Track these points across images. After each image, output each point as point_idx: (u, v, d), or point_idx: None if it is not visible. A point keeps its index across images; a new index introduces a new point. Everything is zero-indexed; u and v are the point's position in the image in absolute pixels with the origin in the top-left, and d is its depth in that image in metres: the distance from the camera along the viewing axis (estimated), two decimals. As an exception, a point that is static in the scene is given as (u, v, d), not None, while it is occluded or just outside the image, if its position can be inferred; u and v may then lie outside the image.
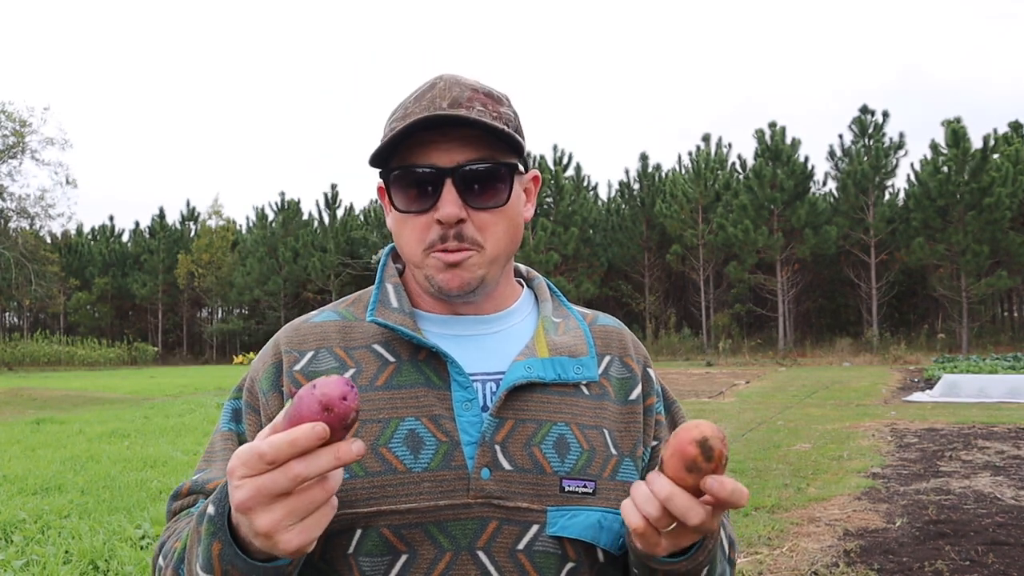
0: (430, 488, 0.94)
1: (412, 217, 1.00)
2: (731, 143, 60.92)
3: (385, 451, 0.95)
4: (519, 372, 1.00)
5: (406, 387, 0.99)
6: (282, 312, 42.76)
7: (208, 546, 0.81)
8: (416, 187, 0.99)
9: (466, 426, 0.97)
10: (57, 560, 4.80)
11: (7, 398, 17.07)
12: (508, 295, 1.11)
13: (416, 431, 0.96)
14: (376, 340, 1.04)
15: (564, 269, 35.78)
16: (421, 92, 1.02)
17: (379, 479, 0.94)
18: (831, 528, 5.57)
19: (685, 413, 1.16)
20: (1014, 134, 34.13)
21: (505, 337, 1.06)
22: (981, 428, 10.36)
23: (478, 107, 0.99)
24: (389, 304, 1.05)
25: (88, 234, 51.12)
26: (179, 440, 9.98)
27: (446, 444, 0.96)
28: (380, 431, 0.96)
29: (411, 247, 1.01)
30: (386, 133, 1.02)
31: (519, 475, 0.96)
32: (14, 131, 37.74)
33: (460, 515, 0.94)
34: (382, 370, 1.01)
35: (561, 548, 0.96)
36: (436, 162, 0.98)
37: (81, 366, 38.22)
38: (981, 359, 23.99)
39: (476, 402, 0.99)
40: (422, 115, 0.96)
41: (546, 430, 0.99)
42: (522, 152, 1.03)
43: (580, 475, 0.98)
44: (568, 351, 1.05)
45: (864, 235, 32.61)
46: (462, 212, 0.98)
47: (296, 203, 45.37)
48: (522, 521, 0.95)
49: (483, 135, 0.99)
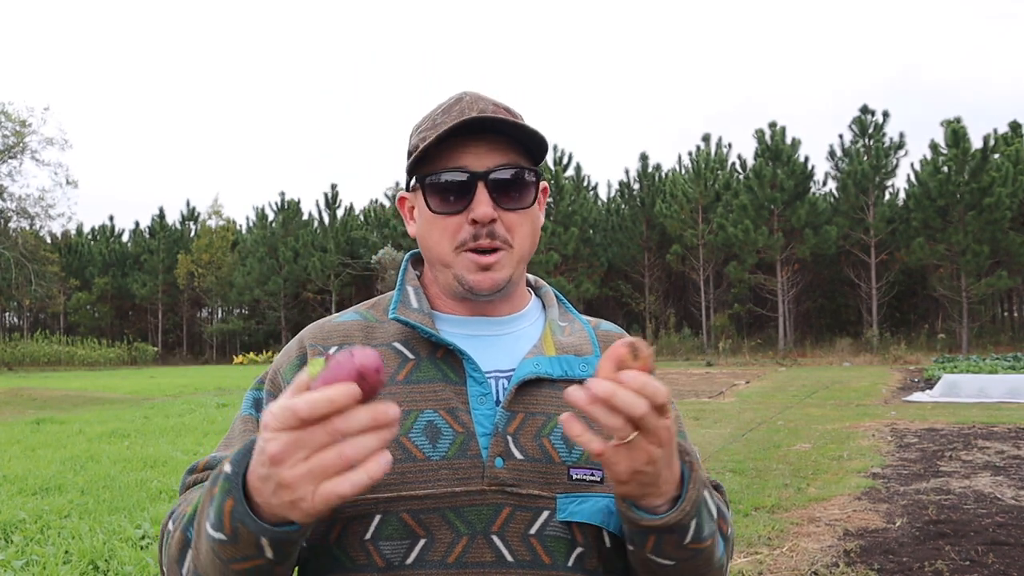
0: (447, 475, 0.99)
1: (445, 218, 1.06)
2: (731, 143, 60.88)
3: (405, 440, 1.00)
4: (528, 368, 1.06)
5: (425, 382, 1.05)
6: (282, 312, 42.77)
7: (221, 503, 0.81)
8: (451, 190, 1.06)
9: (481, 419, 1.03)
10: (57, 560, 4.80)
11: (7, 398, 17.07)
12: (521, 299, 1.18)
13: (435, 422, 1.02)
14: (397, 339, 1.09)
15: (564, 269, 35.78)
16: (448, 105, 1.09)
17: (399, 466, 0.98)
18: (831, 528, 5.57)
19: (682, 418, 1.19)
20: (1014, 134, 34.14)
21: (516, 338, 1.13)
22: (981, 428, 10.36)
23: (503, 117, 1.05)
24: (410, 305, 1.11)
25: (88, 234, 51.14)
26: (179, 440, 9.98)
27: (462, 435, 1.01)
28: (401, 422, 0.98)
29: (442, 246, 1.08)
30: (415, 143, 1.09)
31: (530, 464, 1.01)
32: (14, 131, 37.76)
33: (475, 501, 0.99)
34: (403, 366, 1.06)
35: (570, 533, 1.01)
36: (469, 166, 1.05)
37: (81, 366, 38.23)
38: (981, 359, 23.99)
39: (490, 396, 1.05)
40: (459, 119, 1.03)
41: (554, 423, 1.04)
42: (540, 161, 1.11)
43: (587, 464, 1.03)
44: (574, 350, 1.12)
45: (864, 235, 32.62)
46: (494, 212, 1.05)
47: (296, 203, 45.39)
48: (533, 507, 1.00)
49: (508, 142, 1.07)
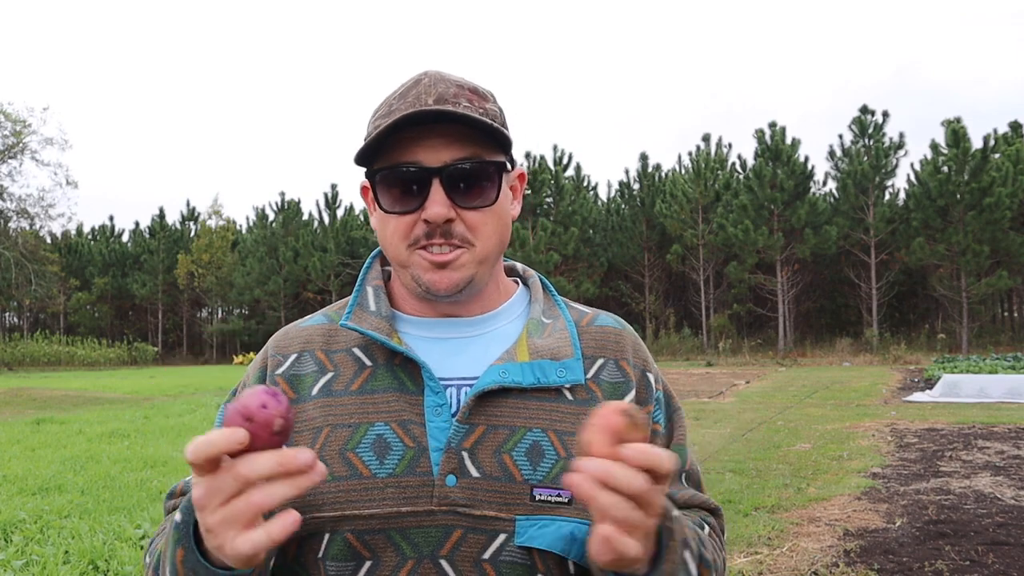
0: (394, 494, 0.92)
1: (397, 217, 0.97)
2: (731, 143, 60.91)
3: (352, 456, 0.94)
4: (492, 376, 0.96)
5: (379, 392, 0.98)
6: (282, 312, 42.75)
7: (173, 552, 0.82)
8: (402, 186, 0.96)
9: (435, 432, 0.95)
10: (57, 560, 4.80)
11: (7, 398, 17.05)
12: (495, 297, 1.07)
13: (384, 436, 0.94)
14: (356, 343, 1.03)
15: (564, 269, 35.77)
16: (406, 88, 0.99)
17: (344, 483, 0.93)
18: (831, 528, 5.57)
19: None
20: (1014, 134, 34.11)
21: (488, 340, 1.03)
22: (981, 428, 10.36)
23: (464, 103, 0.96)
24: (367, 307, 1.04)
25: (88, 234, 51.15)
26: (179, 440, 9.97)
27: (413, 450, 0.94)
28: (349, 436, 0.95)
29: (395, 245, 0.99)
30: (370, 131, 0.99)
31: (487, 482, 0.93)
32: (14, 131, 37.77)
33: (423, 522, 0.91)
34: (358, 374, 1.00)
35: (530, 559, 0.92)
36: (422, 160, 0.95)
37: (81, 366, 38.23)
38: (981, 359, 23.96)
39: (447, 407, 0.96)
40: (408, 111, 0.93)
41: (519, 436, 0.95)
42: (508, 149, 1.01)
43: (553, 483, 0.93)
44: (550, 354, 1.01)
45: (864, 235, 32.60)
46: (450, 212, 0.95)
47: (296, 203, 45.37)
48: (488, 530, 0.91)
49: (469, 132, 0.96)
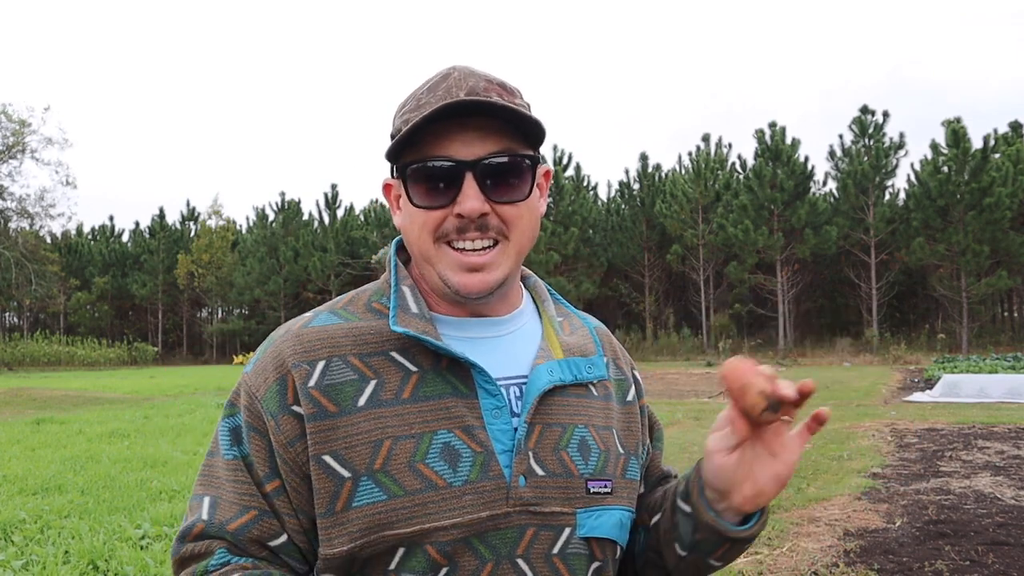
0: (472, 501, 0.92)
1: (428, 212, 0.95)
2: (731, 143, 60.79)
3: (423, 467, 0.92)
4: (544, 376, 0.99)
5: (434, 398, 0.95)
6: (282, 312, 42.72)
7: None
8: (434, 181, 0.94)
9: (498, 434, 0.95)
10: (57, 560, 4.79)
11: (7, 398, 17.05)
12: (516, 296, 1.07)
13: (451, 444, 0.93)
14: (392, 346, 0.97)
15: (564, 269, 35.77)
16: (435, 83, 0.96)
17: (420, 496, 0.91)
18: (831, 528, 5.57)
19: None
20: (1014, 134, 34.12)
21: (516, 339, 1.04)
22: (981, 428, 10.35)
23: (495, 97, 0.93)
24: (408, 310, 0.99)
25: (88, 234, 51.15)
26: (179, 440, 9.97)
27: (481, 455, 0.94)
28: (415, 447, 0.93)
29: (423, 240, 0.96)
30: (397, 126, 0.97)
31: (551, 480, 0.96)
32: (14, 131, 37.77)
33: (500, 524, 0.93)
34: (406, 381, 0.96)
35: (589, 548, 0.98)
36: (455, 154, 0.93)
37: (81, 366, 38.22)
38: (981, 359, 23.96)
39: (505, 408, 0.97)
40: (443, 102, 0.90)
41: (570, 433, 0.99)
42: (539, 145, 0.99)
43: (601, 475, 0.99)
44: (580, 351, 1.05)
45: (864, 235, 32.61)
46: (485, 206, 0.93)
47: (296, 203, 45.38)
48: (555, 525, 0.95)
49: (502, 126, 0.94)
